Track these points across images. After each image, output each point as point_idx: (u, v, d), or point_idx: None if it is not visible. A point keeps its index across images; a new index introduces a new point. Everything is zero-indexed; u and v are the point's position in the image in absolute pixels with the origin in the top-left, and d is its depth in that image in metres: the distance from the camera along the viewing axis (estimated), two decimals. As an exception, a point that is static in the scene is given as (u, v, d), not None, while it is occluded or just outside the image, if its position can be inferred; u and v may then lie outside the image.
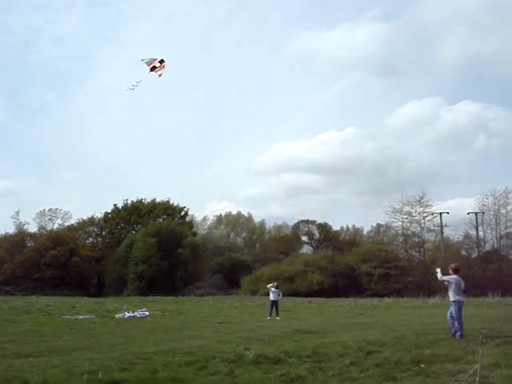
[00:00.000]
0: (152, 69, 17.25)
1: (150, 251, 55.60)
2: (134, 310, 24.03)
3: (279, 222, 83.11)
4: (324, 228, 76.98)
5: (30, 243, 63.52)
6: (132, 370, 7.99)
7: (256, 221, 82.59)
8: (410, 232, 56.96)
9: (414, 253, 58.65)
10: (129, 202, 67.47)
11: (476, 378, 6.43)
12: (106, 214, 67.38)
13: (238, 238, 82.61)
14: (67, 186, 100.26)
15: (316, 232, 78.40)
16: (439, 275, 12.06)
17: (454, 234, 59.49)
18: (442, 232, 55.68)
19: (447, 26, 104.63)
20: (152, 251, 55.66)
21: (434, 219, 55.46)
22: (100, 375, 7.45)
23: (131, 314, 22.40)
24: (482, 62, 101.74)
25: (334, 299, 41.24)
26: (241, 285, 56.39)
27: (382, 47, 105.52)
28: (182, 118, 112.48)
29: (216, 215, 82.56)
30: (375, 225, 74.05)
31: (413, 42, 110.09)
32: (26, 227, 64.84)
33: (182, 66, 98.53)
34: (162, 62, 17.36)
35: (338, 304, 33.90)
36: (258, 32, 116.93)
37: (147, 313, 23.40)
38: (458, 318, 11.40)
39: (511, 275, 47.24)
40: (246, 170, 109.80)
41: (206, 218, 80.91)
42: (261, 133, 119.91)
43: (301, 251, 74.48)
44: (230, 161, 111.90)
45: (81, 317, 21.56)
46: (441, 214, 55.05)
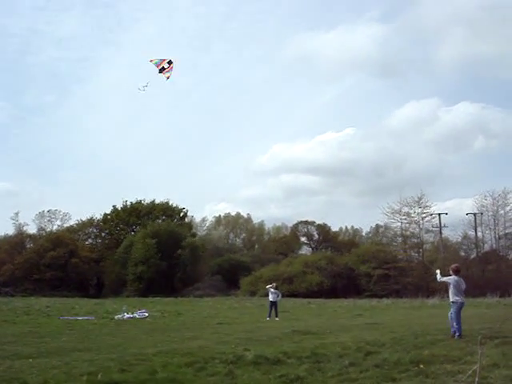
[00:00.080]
0: (161, 70, 17.32)
1: (149, 252, 55.64)
2: (134, 311, 24.02)
3: (278, 223, 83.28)
4: (323, 229, 76.99)
5: (29, 244, 63.58)
6: (131, 370, 8.01)
7: (255, 222, 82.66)
8: (408, 233, 56.85)
9: (412, 253, 58.54)
10: (128, 203, 67.59)
11: (475, 379, 6.45)
12: (106, 215, 67.42)
13: (237, 239, 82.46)
14: (67, 187, 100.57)
15: (315, 233, 78.41)
16: (438, 276, 12.12)
17: (452, 235, 59.71)
18: (440, 233, 55.71)
19: (446, 27, 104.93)
20: (151, 252, 55.70)
21: (433, 220, 55.41)
22: (99, 376, 7.48)
23: (130, 315, 22.38)
24: (480, 62, 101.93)
25: (333, 300, 41.24)
26: (240, 286, 56.31)
27: (381, 48, 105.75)
28: (181, 119, 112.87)
29: (215, 216, 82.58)
30: (374, 226, 74.12)
31: (411, 43, 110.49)
32: (25, 228, 65.04)
33: (181, 67, 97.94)
34: (170, 62, 17.43)
35: (337, 305, 33.90)
36: (257, 33, 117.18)
37: (146, 314, 23.37)
38: (457, 318, 11.44)
39: (510, 276, 47.15)
40: (245, 171, 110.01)
41: (205, 219, 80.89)
42: (260, 134, 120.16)
43: (300, 252, 74.58)
44: (229, 162, 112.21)
45: (80, 318, 21.52)
46: (439, 214, 55.03)
